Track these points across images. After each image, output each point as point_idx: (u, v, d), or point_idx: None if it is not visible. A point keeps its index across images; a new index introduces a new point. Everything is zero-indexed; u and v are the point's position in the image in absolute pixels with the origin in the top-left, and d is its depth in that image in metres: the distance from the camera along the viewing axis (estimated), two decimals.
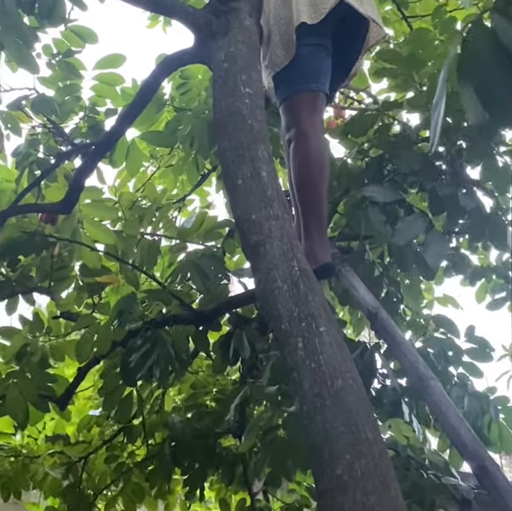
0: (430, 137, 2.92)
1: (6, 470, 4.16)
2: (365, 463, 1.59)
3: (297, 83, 2.66)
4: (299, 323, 1.82)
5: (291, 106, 2.68)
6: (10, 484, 4.14)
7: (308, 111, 2.67)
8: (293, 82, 2.66)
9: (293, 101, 2.67)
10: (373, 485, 1.56)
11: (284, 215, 2.04)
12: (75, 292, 3.58)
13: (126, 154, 3.75)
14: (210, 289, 3.13)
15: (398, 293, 3.07)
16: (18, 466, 4.17)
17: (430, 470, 2.31)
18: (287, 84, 2.67)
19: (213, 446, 3.64)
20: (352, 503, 1.55)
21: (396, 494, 1.58)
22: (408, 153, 2.83)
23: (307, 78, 2.67)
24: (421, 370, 2.13)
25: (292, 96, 2.67)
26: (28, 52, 2.68)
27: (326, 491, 1.61)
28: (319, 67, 2.70)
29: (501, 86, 1.14)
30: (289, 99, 2.68)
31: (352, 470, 1.58)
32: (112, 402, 3.47)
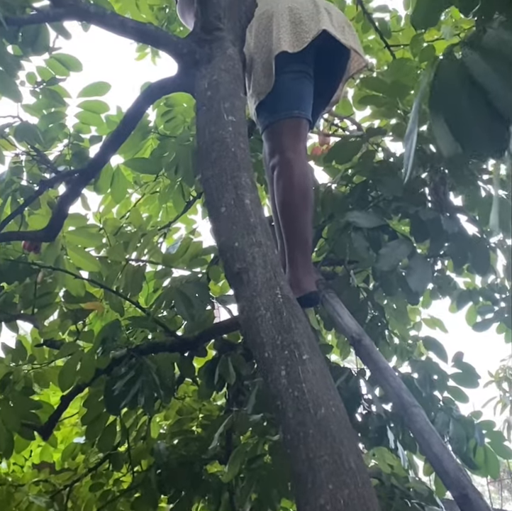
0: None
1: None
2: (348, 492, 1.58)
3: (280, 109, 2.67)
4: (282, 351, 1.82)
5: (275, 133, 2.69)
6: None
7: (292, 137, 2.68)
8: (276, 109, 2.67)
9: (277, 127, 2.68)
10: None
11: (267, 242, 2.04)
12: (59, 319, 3.56)
13: (111, 181, 3.75)
14: (194, 315, 3.12)
15: (383, 318, 3.07)
16: (2, 494, 4.12)
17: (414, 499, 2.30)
18: (270, 110, 2.68)
19: (199, 473, 3.61)
20: None
21: None
22: (392, 180, 2.85)
23: (290, 105, 2.68)
24: (404, 397, 2.13)
25: (275, 123, 2.68)
26: (12, 81, 2.69)
27: None
28: (302, 93, 2.71)
29: (471, 117, 1.16)
30: (272, 126, 2.69)
31: (335, 500, 1.57)
32: (95, 430, 3.44)
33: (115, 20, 2.54)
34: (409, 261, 2.54)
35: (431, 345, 3.43)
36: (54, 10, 2.57)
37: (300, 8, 2.69)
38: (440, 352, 3.40)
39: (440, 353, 3.40)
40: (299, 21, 2.66)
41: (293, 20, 2.67)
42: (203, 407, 3.91)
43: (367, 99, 3.12)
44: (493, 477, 3.48)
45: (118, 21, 2.54)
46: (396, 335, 3.66)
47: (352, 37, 2.82)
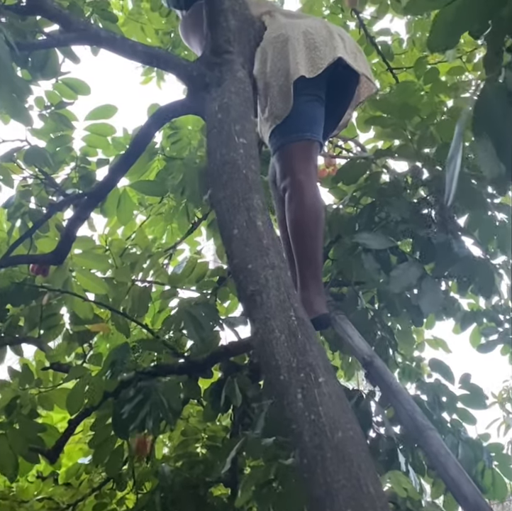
0: (446, 189, 2.95)
1: None
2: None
3: (293, 132, 2.69)
4: (298, 374, 1.81)
5: (286, 155, 2.70)
6: None
7: (303, 159, 2.70)
8: (289, 131, 2.69)
9: (289, 149, 2.70)
10: None
11: (280, 264, 2.04)
12: (65, 342, 3.55)
13: (118, 203, 3.75)
14: (203, 337, 3.11)
15: (391, 339, 3.07)
16: (6, 510, 4.09)
17: None
18: (283, 132, 2.70)
19: (203, 496, 3.57)
20: None
21: None
22: (399, 201, 2.85)
23: (302, 127, 2.70)
24: (419, 420, 2.12)
25: (287, 145, 2.70)
26: (22, 105, 2.70)
27: None
28: (314, 116, 2.74)
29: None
30: (284, 147, 2.70)
31: None
32: (102, 453, 3.41)
33: (125, 45, 2.56)
34: (420, 284, 2.54)
35: (437, 367, 3.42)
36: (64, 35, 2.59)
37: (314, 33, 2.73)
38: (447, 374, 3.39)
39: (447, 375, 3.38)
40: (314, 47, 2.70)
41: (308, 45, 2.70)
42: (208, 427, 3.88)
43: (373, 120, 3.13)
44: (501, 500, 3.45)
45: (128, 45, 2.57)
46: (403, 356, 3.66)
47: (363, 63, 2.86)
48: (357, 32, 4.80)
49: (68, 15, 2.63)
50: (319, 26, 2.79)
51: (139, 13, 5.16)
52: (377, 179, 3.07)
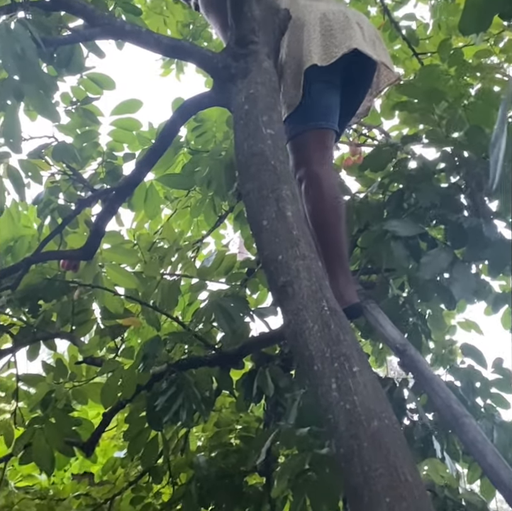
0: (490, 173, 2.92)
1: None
2: (406, 506, 1.56)
3: (307, 120, 2.66)
4: (332, 364, 1.80)
5: (301, 144, 2.67)
6: None
7: (319, 149, 2.67)
8: (303, 120, 2.66)
9: (303, 138, 2.66)
10: None
11: (310, 254, 2.03)
12: (97, 337, 3.58)
13: (145, 197, 3.77)
14: (234, 329, 3.12)
15: (423, 325, 3.05)
16: (44, 508, 4.14)
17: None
18: (297, 121, 2.67)
19: (239, 485, 3.59)
20: None
21: None
22: (428, 187, 2.83)
23: (317, 116, 2.67)
24: (454, 407, 2.10)
25: (302, 134, 2.67)
26: (49, 101, 2.72)
27: None
28: (329, 104, 2.71)
29: None
30: (299, 137, 2.67)
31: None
32: (137, 445, 3.44)
33: (150, 38, 2.56)
34: (451, 269, 2.52)
35: (469, 352, 3.40)
36: (89, 30, 2.59)
37: (332, 19, 2.68)
38: (479, 359, 3.37)
39: (479, 360, 3.36)
40: (329, 34, 2.66)
41: (323, 32, 2.66)
42: (241, 418, 3.90)
43: (401, 105, 3.10)
44: None
45: (153, 38, 2.56)
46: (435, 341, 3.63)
47: (382, 51, 2.81)
48: (381, 17, 4.76)
49: (92, 9, 2.63)
50: (337, 11, 2.73)
51: (160, 6, 5.16)
52: (405, 166, 3.04)
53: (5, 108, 2.74)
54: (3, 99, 2.67)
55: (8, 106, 2.74)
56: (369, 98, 3.01)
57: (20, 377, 3.77)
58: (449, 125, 2.84)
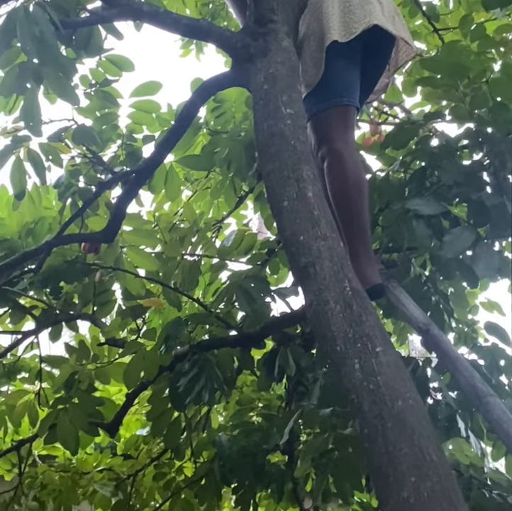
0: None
1: (56, 485, 4.21)
2: (431, 485, 1.56)
3: (328, 97, 2.63)
4: (355, 344, 1.80)
5: (322, 122, 2.64)
6: (61, 499, 4.19)
7: (340, 126, 2.64)
8: (324, 97, 2.63)
9: (324, 116, 2.64)
10: (441, 508, 1.54)
11: (332, 235, 2.02)
12: (119, 318, 3.59)
13: (165, 179, 3.76)
14: (255, 309, 3.12)
15: (446, 304, 3.03)
16: (67, 481, 4.20)
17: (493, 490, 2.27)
18: (318, 98, 2.64)
19: (261, 464, 3.62)
20: None
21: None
22: (451, 165, 2.80)
23: (338, 92, 2.64)
24: (478, 386, 2.10)
25: (323, 111, 2.64)
26: (68, 84, 2.71)
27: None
28: (350, 81, 2.68)
29: None
30: (319, 114, 2.64)
31: (418, 493, 1.56)
32: (160, 426, 3.47)
33: (168, 18, 2.55)
34: (474, 248, 2.49)
35: (493, 331, 3.37)
36: (107, 11, 2.58)
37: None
38: (503, 337, 3.34)
39: (503, 338, 3.33)
40: (348, 10, 2.62)
41: (342, 8, 2.63)
42: (262, 396, 3.91)
43: (424, 81, 3.06)
44: None
45: (172, 19, 2.55)
46: (458, 320, 3.62)
47: (402, 26, 2.78)
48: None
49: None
50: None
51: None
52: (427, 143, 3.01)
53: (24, 91, 2.74)
54: (22, 82, 2.68)
55: (28, 90, 2.74)
56: (387, 74, 2.98)
57: (44, 359, 3.81)
58: (473, 102, 2.80)
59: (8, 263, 3.20)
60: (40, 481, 4.23)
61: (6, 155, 3.29)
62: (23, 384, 4.08)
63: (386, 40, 2.75)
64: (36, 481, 4.23)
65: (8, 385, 4.09)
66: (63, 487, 4.18)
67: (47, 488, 4.20)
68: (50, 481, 4.21)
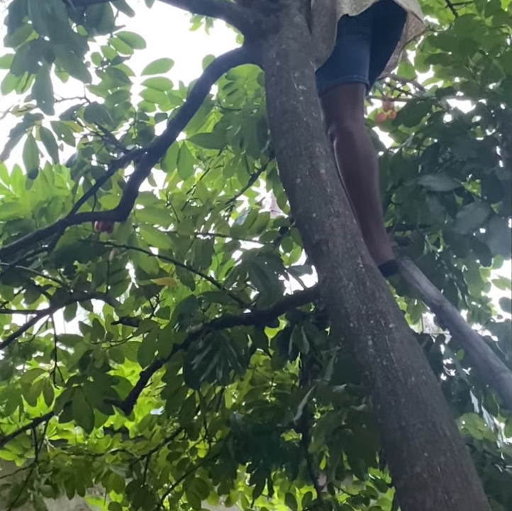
0: None
1: (69, 467, 4.26)
2: (445, 460, 1.57)
3: (337, 74, 2.61)
4: (368, 321, 1.81)
5: (332, 99, 2.62)
6: (73, 481, 4.24)
7: (350, 104, 2.62)
8: (334, 73, 2.61)
9: (334, 93, 2.62)
10: (454, 483, 1.54)
11: (345, 212, 2.02)
12: (132, 297, 3.61)
13: (177, 157, 3.75)
14: (268, 287, 3.12)
15: (460, 281, 3.02)
16: (80, 464, 4.24)
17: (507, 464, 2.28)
18: (326, 75, 2.61)
19: (276, 442, 3.64)
20: (434, 502, 1.53)
21: (478, 491, 1.56)
22: (464, 140, 2.78)
23: (348, 69, 2.62)
24: (492, 362, 2.10)
25: (332, 88, 2.62)
26: (80, 62, 2.71)
27: (406, 490, 1.60)
28: (359, 57, 2.65)
29: None
30: (329, 91, 2.62)
31: (431, 468, 1.57)
32: (175, 404, 3.50)
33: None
34: (488, 224, 2.48)
35: (507, 307, 3.36)
36: None
37: None
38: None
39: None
40: None
41: None
42: (276, 375, 3.93)
43: (434, 58, 3.04)
44: None
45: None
46: (471, 297, 3.61)
47: (412, 0, 2.75)
48: None
49: None
50: None
51: None
52: (440, 120, 2.99)
53: (36, 69, 2.73)
54: (34, 60, 2.67)
55: (40, 68, 2.74)
56: (397, 50, 2.95)
57: (58, 338, 3.84)
58: (485, 77, 2.78)
59: (22, 242, 3.22)
60: (52, 465, 4.27)
61: (19, 134, 3.29)
62: (38, 363, 4.11)
63: (396, 14, 2.72)
64: (48, 465, 4.27)
65: (24, 363, 4.11)
66: (76, 470, 4.23)
67: (60, 472, 4.25)
68: (63, 464, 4.25)
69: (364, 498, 3.87)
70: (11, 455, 4.35)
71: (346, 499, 3.95)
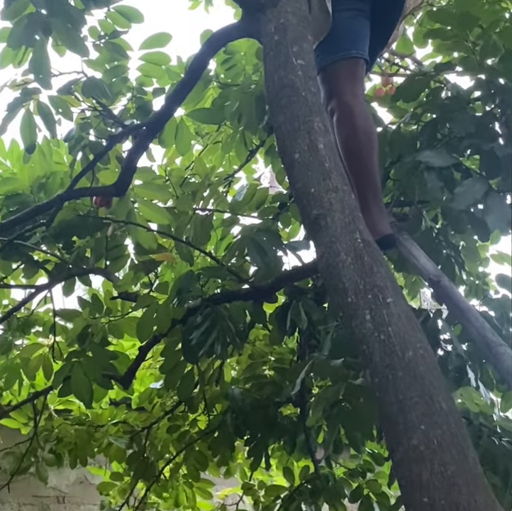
0: None
1: (71, 437, 4.29)
2: (441, 433, 1.59)
3: (336, 50, 2.60)
4: (366, 296, 1.81)
5: (331, 75, 2.62)
6: (76, 451, 4.28)
7: (349, 79, 2.62)
8: (333, 50, 2.60)
9: (333, 69, 2.62)
10: (450, 455, 1.56)
11: (343, 187, 2.02)
12: (131, 272, 3.61)
13: (175, 133, 3.74)
14: (267, 263, 3.13)
15: (458, 257, 3.03)
16: (83, 434, 4.28)
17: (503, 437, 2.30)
18: (326, 51, 2.61)
19: (274, 416, 3.67)
20: (430, 474, 1.55)
21: (474, 463, 1.58)
22: (463, 116, 2.77)
23: (347, 45, 2.61)
24: (488, 336, 2.11)
25: (331, 64, 2.61)
26: (78, 35, 2.70)
27: (403, 462, 1.61)
28: (358, 32, 2.64)
29: None
30: (329, 67, 2.62)
31: (428, 441, 1.58)
32: (174, 378, 3.51)
33: None
34: (486, 199, 2.49)
35: (505, 283, 3.37)
36: None
37: None
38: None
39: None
40: None
41: None
42: (274, 350, 3.95)
43: (433, 33, 3.03)
44: None
45: None
46: (469, 273, 3.62)
47: None
48: None
49: None
50: None
51: None
52: (439, 95, 2.98)
53: (33, 43, 2.72)
54: (31, 33, 2.66)
55: (37, 41, 2.73)
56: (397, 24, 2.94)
57: (57, 313, 3.85)
58: (484, 52, 2.77)
59: (20, 217, 3.22)
60: (55, 434, 4.31)
61: (16, 108, 3.27)
62: (37, 337, 4.12)
63: None
64: (52, 434, 4.31)
65: (23, 338, 4.13)
66: (78, 440, 4.26)
67: (63, 441, 4.28)
68: (66, 434, 4.29)
69: (361, 472, 3.90)
70: (16, 423, 4.37)
71: (343, 473, 3.98)
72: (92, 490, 4.96)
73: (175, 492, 4.38)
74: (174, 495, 4.39)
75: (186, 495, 4.39)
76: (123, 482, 4.39)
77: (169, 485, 4.33)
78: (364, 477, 3.86)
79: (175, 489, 4.37)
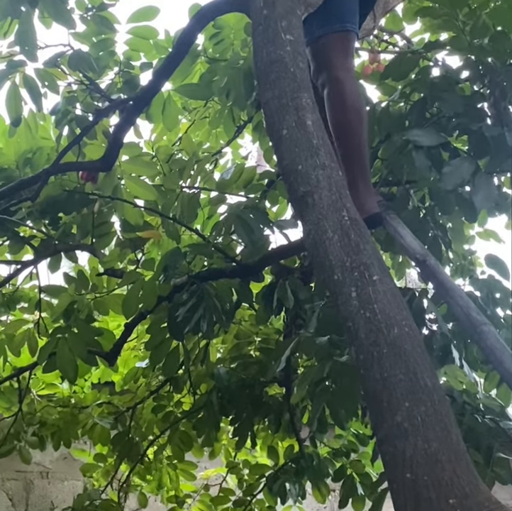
0: None
1: (55, 420, 4.28)
2: (425, 410, 1.60)
3: (332, 22, 2.57)
4: (352, 273, 1.82)
5: (323, 48, 2.59)
6: (60, 434, 4.26)
7: (341, 53, 2.59)
8: (325, 22, 2.57)
9: (325, 41, 2.58)
10: (434, 432, 1.58)
11: (331, 164, 2.02)
12: (117, 249, 3.59)
13: (163, 108, 3.71)
14: (254, 241, 3.12)
15: (445, 237, 3.04)
16: (66, 416, 4.27)
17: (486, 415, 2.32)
18: (320, 22, 2.58)
19: (259, 395, 3.68)
20: (413, 450, 1.57)
21: (457, 440, 1.60)
22: (452, 95, 2.77)
23: (342, 17, 2.58)
24: (473, 315, 2.12)
25: (325, 36, 2.58)
26: (64, 7, 2.66)
27: (387, 439, 1.63)
28: (351, 5, 2.62)
29: None
30: (320, 40, 2.59)
31: (412, 417, 1.60)
32: (159, 355, 3.50)
33: None
34: (473, 179, 2.49)
35: (493, 263, 3.37)
36: None
37: None
38: (502, 269, 3.33)
39: (502, 271, 3.33)
40: None
41: None
42: (260, 330, 3.95)
43: (422, 11, 3.00)
44: None
45: None
46: (455, 253, 3.62)
47: None
48: None
49: None
50: None
51: None
52: (428, 74, 2.97)
53: (19, 14, 2.68)
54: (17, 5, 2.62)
55: (23, 13, 2.69)
56: None
57: (43, 289, 3.82)
58: (474, 32, 2.75)
59: (5, 191, 3.19)
60: (39, 418, 4.29)
61: (1, 81, 3.23)
62: (23, 313, 4.10)
63: None
64: (35, 418, 4.29)
65: (8, 314, 4.10)
66: (62, 423, 4.25)
67: (46, 424, 4.27)
68: (49, 417, 4.27)
69: (345, 452, 3.94)
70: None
71: (327, 453, 4.01)
72: (76, 466, 4.96)
73: (159, 474, 4.39)
74: (158, 477, 4.40)
75: (170, 476, 4.40)
76: (107, 463, 4.39)
77: (152, 467, 4.34)
78: (348, 458, 3.90)
79: (159, 471, 4.38)
